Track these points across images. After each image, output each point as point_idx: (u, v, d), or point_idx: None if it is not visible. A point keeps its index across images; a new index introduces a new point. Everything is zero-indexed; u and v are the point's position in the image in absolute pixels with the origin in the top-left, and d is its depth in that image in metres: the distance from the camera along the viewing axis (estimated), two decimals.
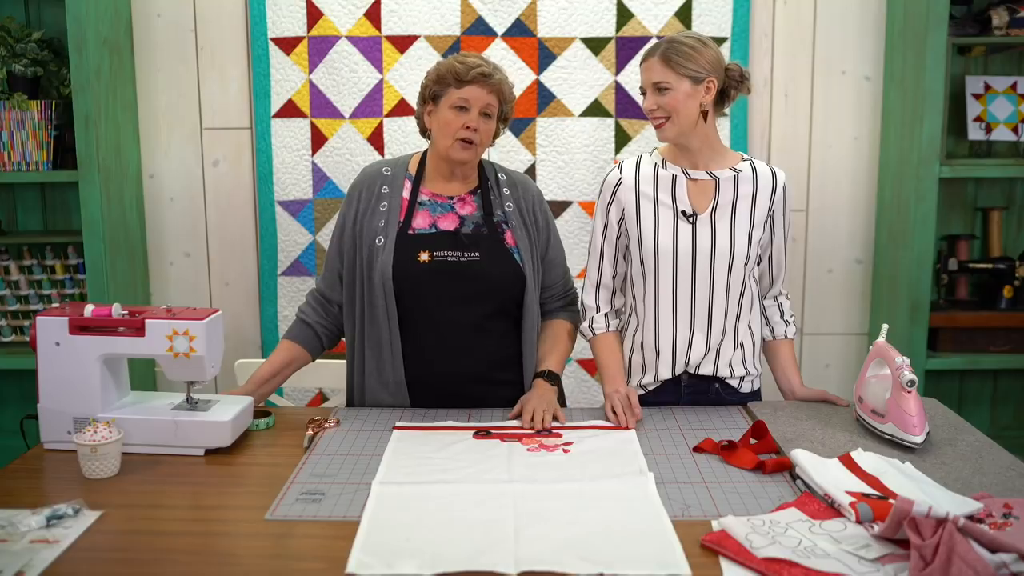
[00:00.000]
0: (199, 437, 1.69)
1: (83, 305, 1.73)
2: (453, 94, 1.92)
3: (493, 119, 1.96)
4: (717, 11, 2.88)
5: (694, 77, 1.87)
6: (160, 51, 2.95)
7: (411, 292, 1.93)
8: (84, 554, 1.31)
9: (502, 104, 1.97)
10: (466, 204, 2.01)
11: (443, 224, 1.98)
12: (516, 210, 2.03)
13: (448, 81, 1.92)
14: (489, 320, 1.98)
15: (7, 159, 2.76)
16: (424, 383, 1.98)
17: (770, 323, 2.08)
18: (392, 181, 2.02)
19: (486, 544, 1.30)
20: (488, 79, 1.92)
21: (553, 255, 2.09)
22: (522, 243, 2.00)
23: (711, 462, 1.64)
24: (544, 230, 2.06)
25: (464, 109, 1.92)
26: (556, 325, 2.09)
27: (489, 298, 1.96)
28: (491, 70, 1.93)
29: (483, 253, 1.95)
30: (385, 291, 1.93)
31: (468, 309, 1.95)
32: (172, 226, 3.04)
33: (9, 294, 2.89)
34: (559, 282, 2.11)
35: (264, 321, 3.02)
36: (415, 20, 2.89)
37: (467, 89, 1.91)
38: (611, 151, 2.94)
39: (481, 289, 1.95)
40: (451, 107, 1.92)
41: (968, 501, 1.40)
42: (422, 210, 1.99)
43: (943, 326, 2.84)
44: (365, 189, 2.02)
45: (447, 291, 1.93)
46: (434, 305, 1.94)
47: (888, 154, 2.90)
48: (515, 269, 1.97)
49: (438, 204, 2.00)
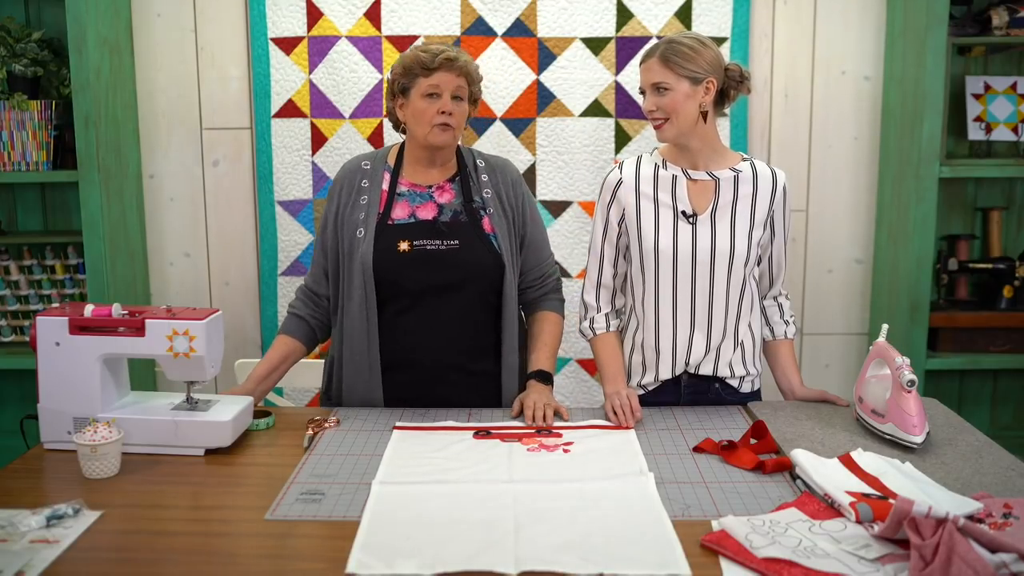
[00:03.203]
0: (199, 437, 1.69)
1: (83, 305, 1.73)
2: (423, 83, 1.94)
3: (465, 101, 1.98)
4: (717, 11, 2.88)
5: (693, 78, 1.87)
6: (160, 51, 2.95)
7: (391, 282, 1.95)
8: (84, 554, 1.31)
9: (471, 85, 1.99)
10: (445, 192, 2.03)
11: (422, 213, 2.00)
12: (495, 195, 2.04)
13: (416, 71, 1.95)
14: (469, 309, 1.99)
15: (7, 159, 2.76)
16: (401, 372, 1.99)
17: (770, 323, 2.08)
18: (372, 174, 2.04)
19: (486, 544, 1.30)
20: (454, 62, 1.94)
21: (533, 235, 2.09)
22: (500, 229, 2.01)
23: (711, 462, 1.64)
24: (521, 211, 2.07)
25: (436, 96, 1.94)
26: (542, 319, 2.09)
27: (468, 286, 1.97)
28: (456, 54, 1.95)
29: (462, 241, 1.97)
30: (365, 280, 1.95)
31: (448, 297, 1.96)
32: (172, 226, 3.04)
33: (9, 294, 2.89)
34: (542, 263, 2.11)
35: (264, 321, 3.02)
36: (415, 20, 2.89)
37: (436, 75, 1.93)
38: (611, 151, 2.94)
39: (460, 277, 1.96)
40: (423, 96, 1.94)
41: (968, 501, 1.40)
42: (401, 201, 2.01)
43: (943, 326, 2.84)
44: (345, 184, 2.05)
45: (427, 280, 1.95)
46: (414, 294, 1.96)
47: (888, 154, 2.90)
48: (494, 256, 1.98)
49: (417, 194, 2.02)
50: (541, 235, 2.11)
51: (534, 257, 2.09)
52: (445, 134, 1.96)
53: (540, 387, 1.95)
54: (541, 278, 2.11)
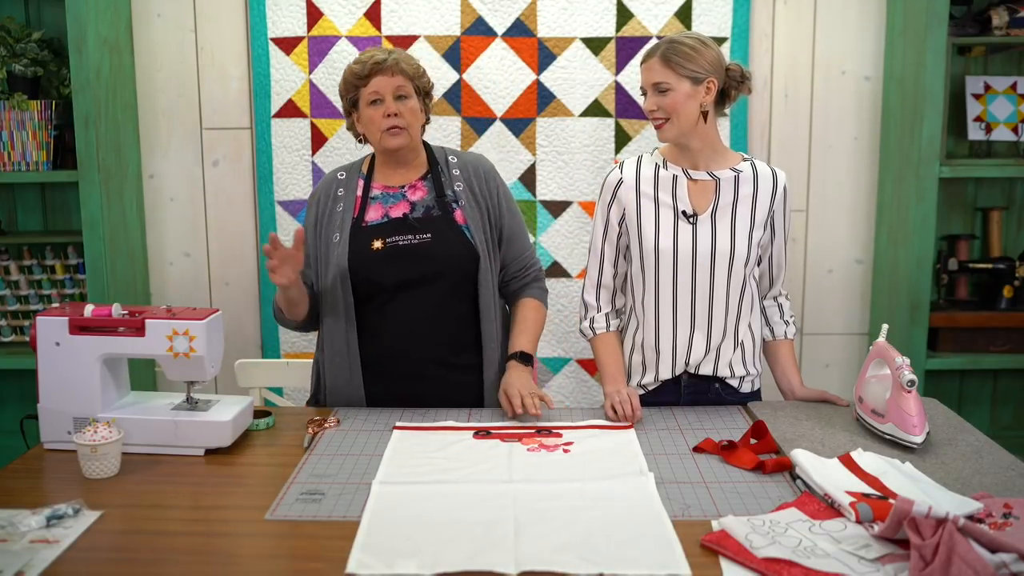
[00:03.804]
0: (199, 437, 1.69)
1: (83, 305, 1.73)
2: (364, 92, 1.97)
3: (411, 98, 1.99)
4: (717, 11, 2.88)
5: (694, 78, 1.87)
6: (160, 51, 2.95)
7: (367, 280, 1.97)
8: (84, 554, 1.31)
9: (413, 80, 2.00)
10: (417, 190, 2.04)
11: (394, 212, 2.02)
12: (466, 188, 2.05)
13: (354, 83, 1.98)
14: (446, 302, 1.99)
15: (7, 159, 2.76)
16: (382, 369, 1.99)
17: (770, 323, 2.08)
18: (347, 183, 2.07)
19: (486, 544, 1.30)
20: (383, 64, 1.96)
21: (512, 227, 2.09)
22: (473, 221, 2.01)
23: (711, 462, 1.64)
24: (496, 203, 2.07)
25: (379, 101, 1.96)
26: (524, 305, 2.09)
27: (443, 278, 1.98)
28: (384, 55, 1.97)
29: (434, 234, 1.98)
30: (341, 280, 1.97)
31: (423, 291, 1.97)
32: (172, 226, 3.04)
33: (9, 294, 2.89)
34: (522, 255, 2.11)
35: (264, 321, 3.03)
36: (415, 20, 2.89)
37: (372, 82, 1.96)
38: (611, 151, 2.94)
39: (435, 269, 1.97)
40: (367, 104, 1.98)
41: (968, 501, 1.40)
42: (375, 204, 2.03)
43: (943, 326, 2.84)
44: (322, 195, 2.08)
45: (401, 274, 1.96)
46: (390, 290, 1.97)
47: (888, 154, 2.90)
48: (467, 247, 1.99)
49: (390, 195, 2.04)
50: (519, 226, 2.12)
51: (515, 248, 2.10)
52: (398, 137, 1.98)
53: (520, 371, 1.96)
54: (523, 269, 2.12)
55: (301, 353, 3.02)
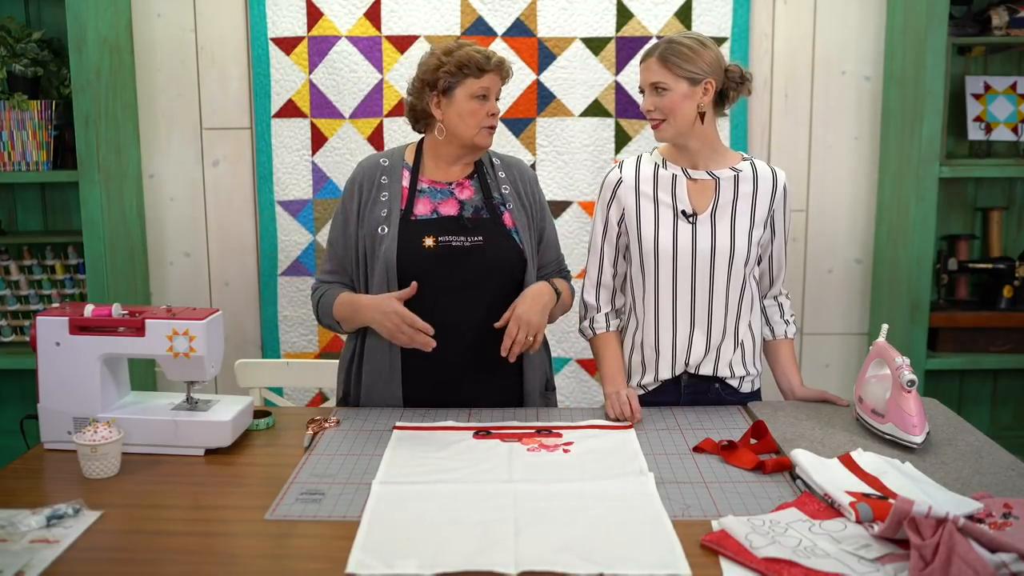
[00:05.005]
0: (199, 437, 1.69)
1: (83, 305, 1.73)
2: (473, 84, 1.93)
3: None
4: (717, 11, 2.88)
5: (692, 78, 1.87)
6: (160, 51, 2.95)
7: (415, 278, 1.90)
8: (84, 554, 1.31)
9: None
10: (464, 189, 2.02)
11: (444, 210, 1.99)
12: (513, 191, 2.05)
13: (468, 71, 1.93)
14: (491, 304, 1.94)
15: (7, 159, 2.76)
16: (423, 370, 1.95)
17: (770, 323, 2.08)
18: (390, 171, 2.03)
19: (486, 544, 1.30)
20: (502, 66, 1.97)
21: (549, 235, 2.11)
22: (520, 224, 2.01)
23: (711, 462, 1.64)
24: (540, 210, 2.08)
25: (485, 98, 1.95)
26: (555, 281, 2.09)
27: (492, 281, 1.96)
28: (503, 58, 1.99)
29: (485, 237, 1.96)
30: (388, 277, 1.93)
31: (471, 293, 1.94)
32: (172, 226, 3.04)
33: (9, 294, 2.89)
34: (553, 261, 2.13)
35: (264, 321, 3.03)
36: (415, 20, 2.89)
37: (487, 77, 1.94)
38: (611, 151, 2.94)
39: (485, 272, 1.95)
40: (471, 97, 1.94)
41: (968, 501, 1.40)
42: (422, 197, 2.00)
43: (943, 326, 2.84)
44: (365, 181, 2.02)
45: (452, 276, 1.93)
46: (439, 290, 1.93)
47: (888, 154, 2.90)
48: (516, 251, 1.99)
49: (437, 191, 2.01)
50: (554, 232, 2.14)
51: (550, 253, 2.11)
52: (491, 137, 1.98)
53: (536, 293, 1.92)
54: (553, 272, 2.13)
55: (301, 353, 3.02)
